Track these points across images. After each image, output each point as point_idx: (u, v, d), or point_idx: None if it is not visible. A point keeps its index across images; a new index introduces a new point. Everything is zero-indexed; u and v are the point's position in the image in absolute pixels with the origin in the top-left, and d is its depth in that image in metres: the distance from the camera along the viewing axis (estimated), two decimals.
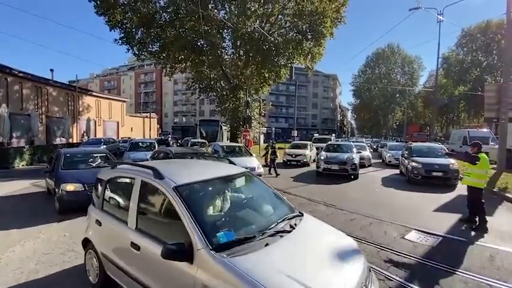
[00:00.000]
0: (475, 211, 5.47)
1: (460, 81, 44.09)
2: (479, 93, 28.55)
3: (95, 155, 7.83)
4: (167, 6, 18.36)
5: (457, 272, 3.60)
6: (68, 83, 29.56)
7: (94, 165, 7.36)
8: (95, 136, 25.27)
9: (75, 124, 24.37)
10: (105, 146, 16.73)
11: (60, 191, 5.89)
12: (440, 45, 39.39)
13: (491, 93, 11.35)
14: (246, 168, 10.81)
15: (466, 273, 3.57)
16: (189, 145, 18.02)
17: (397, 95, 59.88)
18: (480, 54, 42.16)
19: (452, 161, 9.74)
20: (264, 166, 12.30)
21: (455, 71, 44.54)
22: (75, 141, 22.83)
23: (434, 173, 9.44)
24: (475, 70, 42.55)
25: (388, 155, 16.26)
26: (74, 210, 5.79)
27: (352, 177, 11.06)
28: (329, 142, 17.63)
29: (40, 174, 10.92)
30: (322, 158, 11.90)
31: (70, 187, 5.90)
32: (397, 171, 12.65)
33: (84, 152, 8.12)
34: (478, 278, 3.47)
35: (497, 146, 12.07)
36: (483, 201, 5.37)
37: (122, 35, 18.85)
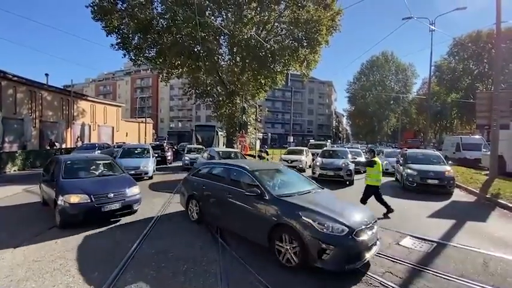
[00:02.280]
0: (382, 203, 6.67)
1: (452, 89, 44.98)
2: (471, 100, 29.12)
3: (98, 162, 7.18)
4: (164, 12, 18.45)
5: (451, 278, 3.62)
6: (63, 87, 29.42)
7: (97, 173, 6.70)
8: (89, 141, 25.01)
9: (69, 129, 24.13)
10: (99, 151, 16.53)
11: (63, 203, 5.25)
12: (433, 53, 40.29)
13: (483, 101, 11.58)
14: None
15: (460, 279, 3.59)
16: (185, 151, 17.84)
17: (392, 102, 60.82)
18: (471, 62, 43.15)
19: (447, 168, 9.74)
20: None
21: (447, 78, 45.47)
22: (69, 146, 22.56)
23: (430, 181, 9.34)
24: (466, 78, 43.47)
25: (385, 162, 15.77)
26: (78, 224, 5.28)
27: (348, 183, 11.09)
28: (324, 148, 17.58)
29: (32, 179, 10.76)
30: (317, 163, 11.91)
31: (74, 198, 5.27)
32: (393, 178, 12.64)
33: (87, 159, 7.41)
34: (472, 283, 3.50)
35: (489, 153, 12.26)
36: (380, 193, 6.74)
37: (119, 40, 18.84)
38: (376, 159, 6.87)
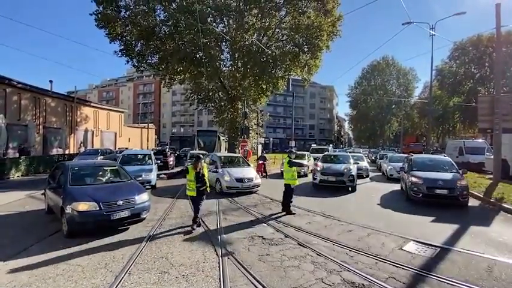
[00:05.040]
0: (286, 200, 7.35)
1: (454, 93, 44.86)
2: (473, 104, 29.03)
3: (105, 168, 7.08)
4: (167, 19, 18.76)
5: (455, 284, 3.58)
6: (66, 93, 29.77)
7: (104, 179, 6.60)
8: (92, 147, 25.17)
9: (72, 134, 24.32)
10: (102, 157, 16.62)
11: (70, 211, 5.06)
12: (434, 57, 40.43)
13: (485, 105, 11.55)
14: (244, 178, 10.53)
15: (464, 285, 3.55)
16: (187, 156, 17.74)
17: (393, 106, 60.78)
18: (473, 66, 43.06)
19: (460, 176, 8.49)
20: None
21: (449, 82, 45.38)
22: (72, 151, 22.71)
23: (438, 191, 8.00)
24: (468, 82, 43.36)
25: (389, 167, 14.74)
26: (85, 233, 5.16)
27: (350, 189, 10.69)
28: (325, 153, 17.12)
29: (35, 185, 10.84)
30: (318, 169, 11.49)
31: (83, 206, 5.09)
32: (399, 186, 11.43)
33: (94, 165, 7.39)
34: None
35: (492, 157, 12.19)
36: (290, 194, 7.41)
37: (122, 47, 19.16)
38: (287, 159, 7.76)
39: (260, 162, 15.24)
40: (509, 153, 12.34)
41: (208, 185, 6.21)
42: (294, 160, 8.00)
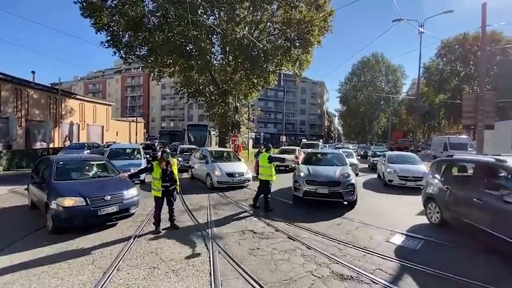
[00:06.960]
0: (264, 197, 7.18)
1: (440, 90, 46.11)
2: (458, 101, 29.91)
3: (92, 162, 6.92)
4: (156, 10, 18.20)
5: (440, 274, 3.71)
6: (50, 85, 28.65)
7: (91, 174, 6.43)
8: (78, 140, 24.47)
9: (57, 128, 23.53)
10: (88, 151, 16.19)
11: (56, 207, 4.92)
12: (422, 55, 41.03)
13: (469, 102, 11.84)
14: (235, 173, 10.41)
15: (450, 275, 3.68)
16: (177, 151, 17.47)
17: (382, 102, 61.95)
18: (458, 64, 44.28)
19: None
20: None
21: (435, 80, 46.55)
22: (56, 145, 22.01)
23: None
24: (454, 79, 44.60)
25: (389, 170, 11.17)
26: (71, 229, 5.02)
27: (346, 203, 7.38)
28: (310, 150, 13.54)
29: (18, 180, 10.47)
30: (301, 175, 7.78)
31: (68, 202, 4.95)
32: (404, 197, 8.51)
33: (80, 160, 7.16)
34: (461, 279, 3.59)
35: (475, 152, 12.64)
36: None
37: (109, 37, 18.50)
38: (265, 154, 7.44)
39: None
40: (491, 149, 12.84)
41: (178, 183, 5.76)
42: (273, 155, 7.60)
